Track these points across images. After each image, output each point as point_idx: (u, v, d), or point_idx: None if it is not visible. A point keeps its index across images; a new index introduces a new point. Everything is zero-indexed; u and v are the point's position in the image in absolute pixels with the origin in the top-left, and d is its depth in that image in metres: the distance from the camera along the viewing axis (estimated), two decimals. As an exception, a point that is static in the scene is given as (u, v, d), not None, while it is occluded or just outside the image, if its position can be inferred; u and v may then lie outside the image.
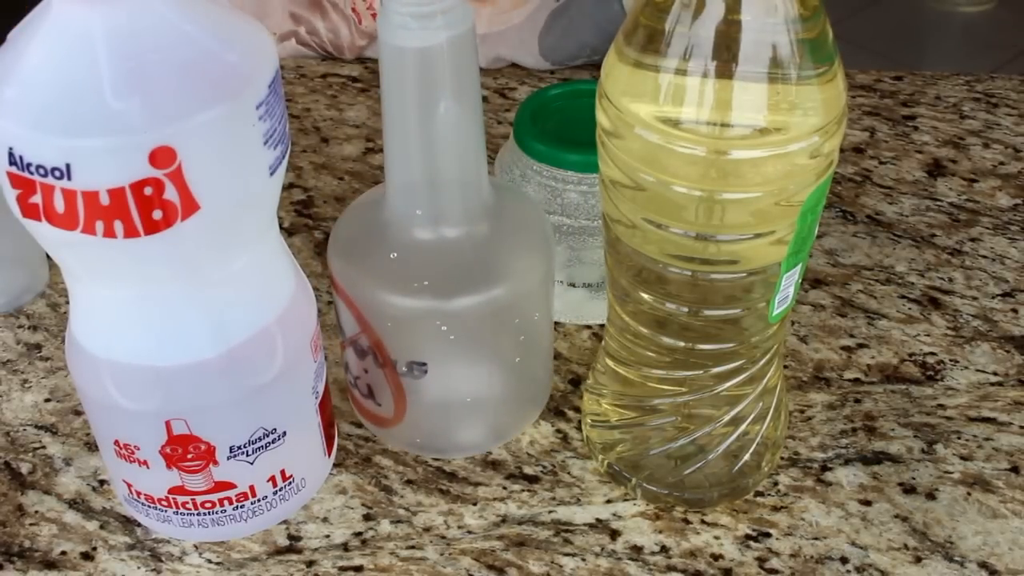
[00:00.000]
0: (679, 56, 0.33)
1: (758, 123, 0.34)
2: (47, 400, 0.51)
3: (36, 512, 0.46)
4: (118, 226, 0.33)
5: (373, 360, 0.44)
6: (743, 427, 0.43)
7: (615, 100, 0.36)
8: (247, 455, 0.41)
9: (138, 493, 0.43)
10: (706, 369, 0.41)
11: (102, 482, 0.47)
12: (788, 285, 0.39)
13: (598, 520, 0.45)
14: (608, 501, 0.45)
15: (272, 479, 0.43)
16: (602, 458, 0.46)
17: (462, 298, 0.42)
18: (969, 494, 0.45)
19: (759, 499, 0.45)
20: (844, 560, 0.43)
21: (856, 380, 0.51)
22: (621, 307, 0.41)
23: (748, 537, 0.44)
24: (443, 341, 0.43)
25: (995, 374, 0.51)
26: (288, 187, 0.63)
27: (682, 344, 0.40)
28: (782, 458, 0.47)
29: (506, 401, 0.47)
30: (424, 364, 0.44)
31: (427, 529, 0.45)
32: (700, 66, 0.33)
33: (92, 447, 0.48)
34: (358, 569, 0.43)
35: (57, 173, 0.32)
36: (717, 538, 0.44)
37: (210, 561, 0.44)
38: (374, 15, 0.72)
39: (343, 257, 0.43)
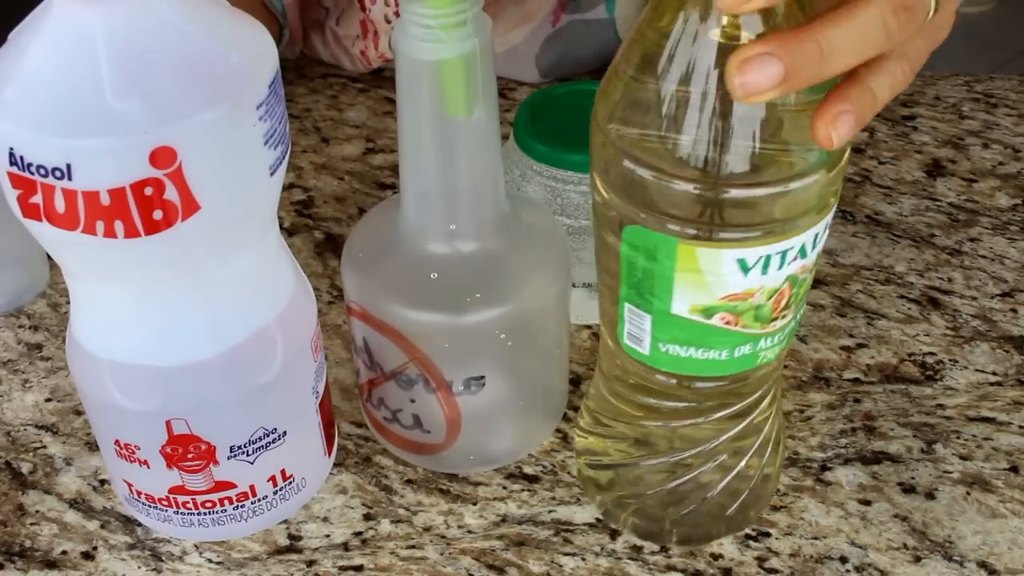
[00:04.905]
0: (674, 89, 0.33)
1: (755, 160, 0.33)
2: (48, 400, 0.51)
3: (37, 512, 0.46)
4: (119, 226, 0.33)
5: (423, 387, 0.43)
6: (739, 462, 0.42)
7: (604, 127, 0.35)
8: (247, 455, 0.41)
9: (139, 493, 0.43)
10: (700, 403, 0.40)
11: (103, 482, 0.47)
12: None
13: (598, 520, 0.45)
14: (608, 501, 0.46)
15: (272, 479, 0.43)
16: (600, 498, 0.45)
17: (520, 302, 0.42)
18: (968, 494, 0.45)
19: (759, 499, 0.45)
20: (844, 560, 0.43)
21: (856, 380, 0.51)
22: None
23: (748, 537, 0.44)
24: (503, 349, 0.43)
25: (994, 374, 0.51)
26: (288, 187, 0.63)
27: (674, 382, 0.40)
28: (782, 457, 0.47)
29: (553, 392, 0.48)
30: (482, 378, 0.43)
31: (427, 529, 0.45)
32: (697, 104, 0.32)
33: (93, 447, 0.48)
34: (358, 569, 0.43)
35: (58, 173, 0.32)
36: (717, 538, 0.44)
37: (210, 561, 0.44)
38: (384, 59, 0.72)
39: (382, 295, 0.42)
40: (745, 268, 0.35)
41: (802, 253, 0.35)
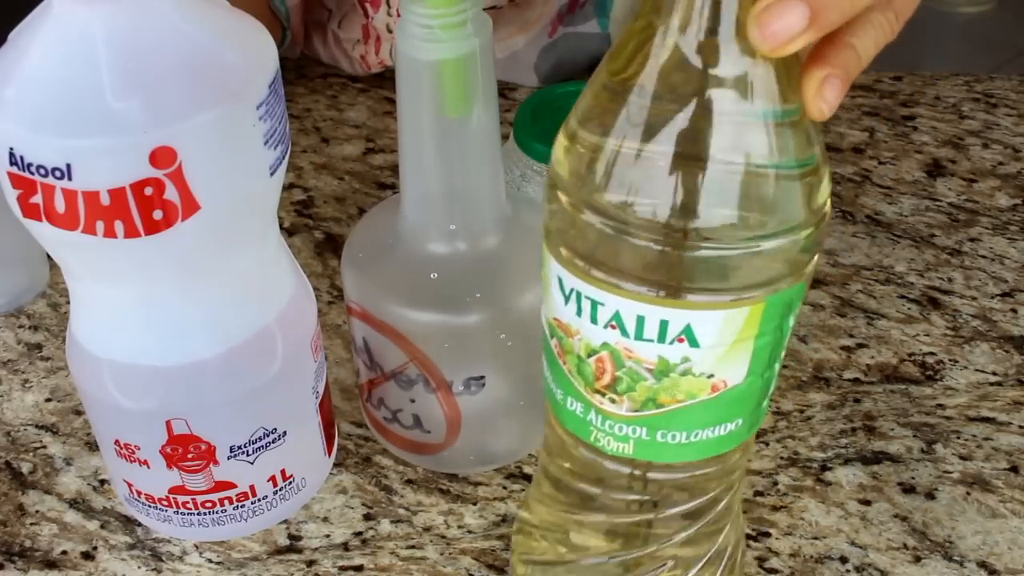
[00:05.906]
0: (636, 146, 0.28)
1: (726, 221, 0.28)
2: (48, 400, 0.51)
3: (37, 512, 0.46)
4: (119, 226, 0.33)
5: (423, 387, 0.43)
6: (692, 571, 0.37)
7: (561, 184, 0.31)
8: (247, 455, 0.41)
9: (139, 493, 0.43)
10: (644, 496, 0.36)
11: (103, 482, 0.47)
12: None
13: (598, 520, 0.45)
14: (608, 501, 0.45)
15: (272, 479, 0.43)
16: None
17: (520, 302, 0.42)
18: (968, 494, 0.45)
19: (759, 499, 0.45)
20: (844, 559, 0.43)
21: (855, 380, 0.51)
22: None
23: (748, 536, 0.44)
24: (503, 349, 0.42)
25: (994, 374, 0.51)
26: (288, 187, 0.63)
27: (627, 470, 0.35)
28: (782, 457, 0.47)
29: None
30: (482, 378, 0.43)
31: (427, 529, 0.45)
32: (664, 158, 0.28)
33: (93, 447, 0.48)
34: (358, 569, 0.43)
35: (58, 173, 0.32)
36: (717, 538, 0.44)
37: (210, 561, 0.44)
38: (384, 65, 0.72)
39: (382, 295, 0.42)
40: (562, 290, 0.31)
41: (618, 322, 0.30)
